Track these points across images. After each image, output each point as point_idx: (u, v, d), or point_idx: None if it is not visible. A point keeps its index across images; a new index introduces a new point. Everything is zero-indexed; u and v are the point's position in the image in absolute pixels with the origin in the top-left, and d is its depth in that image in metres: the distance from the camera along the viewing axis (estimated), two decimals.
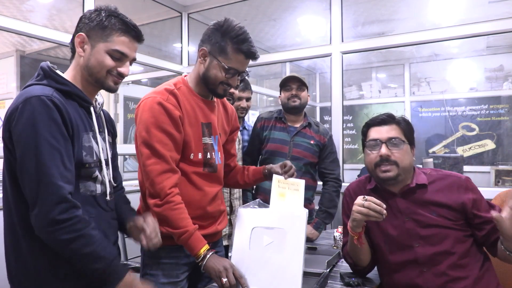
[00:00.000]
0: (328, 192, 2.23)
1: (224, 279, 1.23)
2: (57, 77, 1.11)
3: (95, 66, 1.14)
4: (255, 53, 1.37)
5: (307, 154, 2.20)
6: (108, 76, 1.15)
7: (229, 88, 1.42)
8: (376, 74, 6.38)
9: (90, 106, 1.18)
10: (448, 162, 3.59)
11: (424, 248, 1.34)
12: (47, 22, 4.21)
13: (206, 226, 1.44)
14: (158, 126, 1.30)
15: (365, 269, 1.49)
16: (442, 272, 1.31)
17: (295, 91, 2.24)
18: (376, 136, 1.40)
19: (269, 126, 2.29)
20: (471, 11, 4.05)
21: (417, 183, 1.38)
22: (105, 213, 1.20)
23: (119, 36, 1.14)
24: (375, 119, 1.44)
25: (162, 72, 3.72)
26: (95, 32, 1.13)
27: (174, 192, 1.30)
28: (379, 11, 4.14)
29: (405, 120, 1.44)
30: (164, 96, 1.33)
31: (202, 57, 1.39)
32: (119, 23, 1.14)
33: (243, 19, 4.14)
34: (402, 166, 1.36)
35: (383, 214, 1.25)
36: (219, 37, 1.34)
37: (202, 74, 1.39)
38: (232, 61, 1.35)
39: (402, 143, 1.37)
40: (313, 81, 6.53)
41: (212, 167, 1.44)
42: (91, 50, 1.14)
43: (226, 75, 1.36)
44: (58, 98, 1.06)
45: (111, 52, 1.13)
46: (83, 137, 1.12)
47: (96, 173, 1.17)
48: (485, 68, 5.26)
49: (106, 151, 1.23)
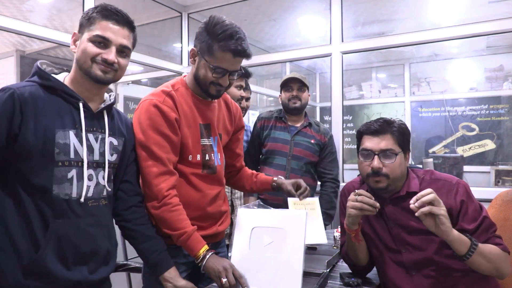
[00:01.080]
0: (327, 194, 2.22)
1: (223, 279, 1.23)
2: (42, 73, 1.12)
3: (80, 57, 1.13)
4: (245, 50, 1.29)
5: (307, 153, 2.20)
6: (93, 65, 1.12)
7: (222, 88, 1.37)
8: (376, 74, 6.37)
9: (78, 102, 1.14)
10: (448, 162, 3.59)
11: (411, 253, 1.34)
12: (47, 22, 4.21)
13: (206, 227, 1.44)
14: (154, 128, 1.29)
15: (364, 268, 1.49)
16: (431, 276, 1.31)
17: (296, 92, 2.23)
18: (369, 146, 1.35)
19: (270, 125, 2.28)
20: (471, 11, 4.05)
21: (407, 191, 1.35)
22: (77, 220, 1.12)
23: (100, 21, 1.13)
24: (370, 127, 1.36)
25: (162, 72, 3.72)
26: (83, 26, 1.14)
27: (171, 194, 1.29)
28: (379, 11, 4.14)
29: (401, 127, 1.36)
30: (160, 98, 1.32)
31: (192, 57, 1.38)
32: (102, 10, 1.14)
33: (243, 19, 4.14)
34: (393, 177, 1.33)
35: (376, 206, 1.28)
36: (206, 35, 1.31)
37: (194, 75, 1.39)
38: (218, 60, 1.30)
39: (395, 155, 1.32)
40: (313, 81, 6.53)
41: (211, 168, 1.44)
42: (80, 43, 1.15)
43: (214, 75, 1.32)
44: (29, 92, 1.06)
45: (93, 38, 1.12)
46: (57, 133, 1.08)
47: (72, 174, 1.11)
48: (485, 68, 5.26)
49: (103, 153, 1.19)
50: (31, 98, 1.06)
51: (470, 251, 1.19)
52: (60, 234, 1.08)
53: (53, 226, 1.07)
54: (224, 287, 1.23)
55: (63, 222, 1.09)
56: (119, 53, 1.16)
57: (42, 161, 1.07)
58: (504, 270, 1.26)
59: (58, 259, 1.09)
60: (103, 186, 1.19)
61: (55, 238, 1.07)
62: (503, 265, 1.25)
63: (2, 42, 4.72)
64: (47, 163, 1.07)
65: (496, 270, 1.25)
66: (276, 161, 2.20)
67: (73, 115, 1.13)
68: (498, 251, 1.25)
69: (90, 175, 1.15)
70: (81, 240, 1.13)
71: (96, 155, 1.18)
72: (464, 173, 4.06)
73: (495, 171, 4.52)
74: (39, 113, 1.06)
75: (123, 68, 1.19)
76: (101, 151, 1.19)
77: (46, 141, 1.06)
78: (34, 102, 1.06)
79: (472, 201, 1.30)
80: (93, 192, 1.16)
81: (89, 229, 1.15)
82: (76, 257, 1.12)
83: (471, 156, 5.11)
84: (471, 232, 1.26)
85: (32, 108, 1.05)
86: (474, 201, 1.31)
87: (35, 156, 1.06)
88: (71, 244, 1.11)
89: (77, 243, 1.12)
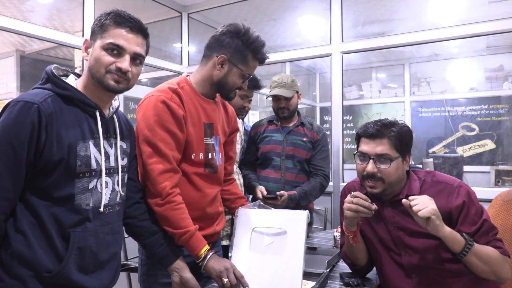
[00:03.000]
0: (315, 181, 2.16)
1: (225, 279, 1.23)
2: (58, 82, 1.07)
3: (94, 65, 1.10)
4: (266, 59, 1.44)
5: (300, 151, 2.20)
6: (107, 75, 1.09)
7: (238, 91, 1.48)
8: (376, 74, 6.38)
9: (95, 110, 1.12)
10: (448, 162, 3.59)
11: (410, 256, 1.33)
12: (47, 22, 4.21)
13: (205, 227, 1.44)
14: (161, 124, 1.29)
15: (364, 268, 1.49)
16: (430, 279, 1.31)
17: (283, 103, 2.22)
18: (365, 149, 1.33)
19: (262, 130, 2.29)
20: (471, 11, 4.05)
21: (407, 194, 1.33)
22: (96, 228, 1.11)
23: (113, 29, 1.09)
24: (367, 130, 1.34)
25: (162, 72, 3.72)
26: (95, 33, 1.11)
27: (175, 192, 1.29)
28: (379, 11, 4.14)
29: (400, 132, 1.31)
30: (168, 94, 1.31)
31: (220, 64, 1.37)
32: (115, 17, 1.10)
33: (243, 19, 4.14)
34: (389, 182, 1.31)
35: (372, 209, 1.28)
36: (241, 45, 1.36)
37: (218, 80, 1.39)
38: (250, 68, 1.41)
39: (390, 161, 1.29)
40: (313, 81, 6.52)
41: (213, 167, 1.44)
42: (92, 51, 1.11)
43: (243, 81, 1.42)
44: (52, 106, 1.02)
45: (106, 46, 1.08)
46: (79, 146, 1.06)
47: (93, 184, 1.10)
48: (485, 68, 5.26)
49: (116, 158, 1.18)
50: (54, 113, 1.02)
51: (465, 249, 1.20)
52: (81, 244, 1.07)
53: (74, 237, 1.06)
54: (225, 287, 1.23)
55: (84, 232, 1.08)
56: (133, 61, 1.13)
57: (65, 175, 1.04)
58: (504, 275, 1.24)
59: (79, 269, 1.07)
60: (117, 191, 1.18)
61: (76, 249, 1.06)
62: (501, 269, 1.23)
63: (2, 42, 4.72)
64: (69, 176, 1.05)
65: (494, 273, 1.23)
66: (271, 162, 2.21)
67: (90, 125, 1.10)
68: (497, 254, 1.24)
69: (106, 182, 1.14)
70: (99, 248, 1.12)
71: (112, 161, 1.16)
72: (464, 173, 4.06)
73: (495, 171, 4.52)
74: (61, 128, 1.03)
75: (136, 77, 1.17)
76: (115, 156, 1.18)
77: (69, 155, 1.04)
78: (57, 117, 1.03)
79: (473, 205, 1.28)
80: (109, 199, 1.15)
81: (105, 236, 1.14)
82: (95, 266, 1.12)
83: (471, 156, 5.11)
84: (471, 235, 1.25)
85: (55, 124, 1.02)
86: (476, 204, 1.28)
87: (57, 171, 1.03)
88: (92, 253, 1.10)
89: (96, 251, 1.11)
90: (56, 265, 1.04)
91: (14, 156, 0.98)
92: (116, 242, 1.20)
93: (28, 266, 1.02)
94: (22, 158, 0.99)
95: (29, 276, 1.02)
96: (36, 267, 1.02)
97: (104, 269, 1.16)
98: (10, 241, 1.01)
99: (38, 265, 1.02)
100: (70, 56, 5.11)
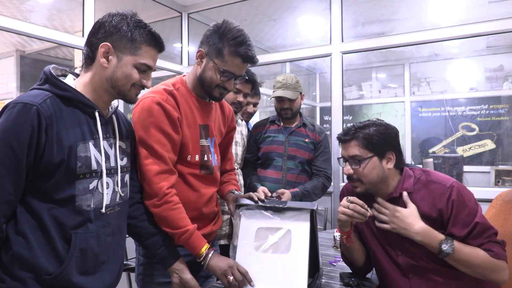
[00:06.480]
0: (318, 181, 2.17)
1: (230, 277, 1.23)
2: (57, 82, 1.06)
3: (121, 79, 1.11)
4: (253, 57, 1.35)
5: (302, 152, 2.20)
6: (132, 89, 1.14)
7: (225, 92, 1.39)
8: (376, 74, 6.38)
9: (94, 111, 1.11)
10: (448, 162, 3.59)
11: (406, 256, 1.33)
12: (47, 22, 4.21)
13: (202, 227, 1.43)
14: (156, 126, 1.28)
15: (362, 268, 1.49)
16: (428, 279, 1.30)
17: (287, 104, 2.22)
18: (342, 153, 1.40)
19: (264, 130, 2.29)
20: (471, 11, 4.05)
21: (401, 192, 1.33)
22: (97, 229, 1.10)
23: (146, 48, 1.13)
24: (340, 135, 1.40)
25: (162, 72, 3.72)
26: (122, 44, 1.10)
27: (172, 192, 1.29)
28: (379, 11, 4.14)
29: (368, 133, 1.33)
30: (163, 96, 1.31)
31: (199, 58, 1.38)
32: (148, 36, 1.12)
33: (243, 19, 4.14)
34: (368, 181, 1.33)
35: (367, 216, 1.30)
36: (217, 39, 1.32)
37: (198, 76, 1.39)
38: (228, 64, 1.33)
39: (362, 161, 1.32)
40: (313, 81, 6.52)
41: (208, 169, 1.44)
42: (118, 62, 1.10)
43: (221, 78, 1.34)
44: (51, 108, 1.01)
45: (139, 65, 1.12)
46: (79, 147, 1.05)
47: (94, 185, 1.09)
48: (485, 68, 5.26)
49: (115, 158, 1.17)
50: (54, 114, 1.01)
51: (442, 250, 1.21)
52: (82, 246, 1.06)
53: (75, 239, 1.05)
54: (231, 284, 1.23)
55: (85, 233, 1.07)
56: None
57: (65, 177, 1.04)
58: (498, 277, 1.22)
59: (79, 271, 1.07)
60: (116, 192, 1.18)
61: (78, 251, 1.06)
62: (489, 272, 1.22)
63: (2, 42, 4.72)
64: (69, 177, 1.04)
65: (484, 277, 1.23)
66: (272, 162, 2.20)
67: (89, 125, 1.10)
68: (485, 257, 1.21)
69: (107, 182, 1.13)
70: (100, 249, 1.11)
71: (112, 161, 1.16)
72: (464, 173, 4.06)
73: (495, 171, 4.52)
74: (60, 130, 1.02)
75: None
76: (115, 157, 1.18)
77: (69, 157, 1.03)
78: (56, 119, 1.02)
79: (465, 206, 1.25)
80: (110, 199, 1.15)
81: (107, 238, 1.14)
82: (95, 267, 1.11)
83: (471, 156, 5.12)
84: (462, 238, 1.24)
85: (55, 126, 1.01)
86: (468, 205, 1.25)
87: (58, 173, 1.03)
88: (93, 255, 1.09)
89: (97, 252, 1.11)
90: (56, 267, 1.03)
91: (14, 158, 0.97)
92: (117, 243, 1.19)
93: (28, 269, 1.01)
94: (22, 161, 0.98)
95: (30, 278, 1.01)
96: (36, 270, 1.01)
97: (105, 270, 1.15)
98: (10, 244, 1.01)
99: (38, 267, 1.01)
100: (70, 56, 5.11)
